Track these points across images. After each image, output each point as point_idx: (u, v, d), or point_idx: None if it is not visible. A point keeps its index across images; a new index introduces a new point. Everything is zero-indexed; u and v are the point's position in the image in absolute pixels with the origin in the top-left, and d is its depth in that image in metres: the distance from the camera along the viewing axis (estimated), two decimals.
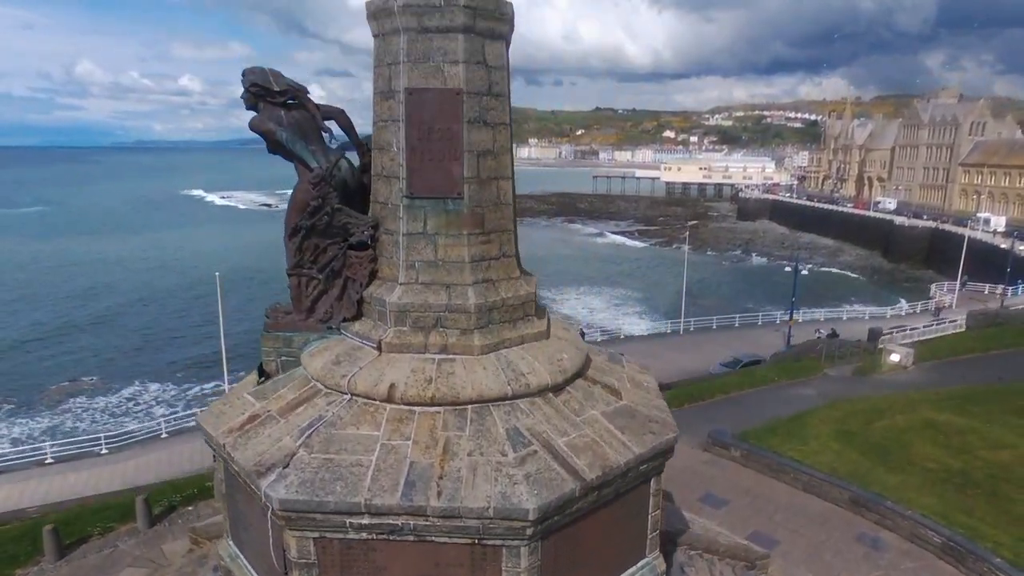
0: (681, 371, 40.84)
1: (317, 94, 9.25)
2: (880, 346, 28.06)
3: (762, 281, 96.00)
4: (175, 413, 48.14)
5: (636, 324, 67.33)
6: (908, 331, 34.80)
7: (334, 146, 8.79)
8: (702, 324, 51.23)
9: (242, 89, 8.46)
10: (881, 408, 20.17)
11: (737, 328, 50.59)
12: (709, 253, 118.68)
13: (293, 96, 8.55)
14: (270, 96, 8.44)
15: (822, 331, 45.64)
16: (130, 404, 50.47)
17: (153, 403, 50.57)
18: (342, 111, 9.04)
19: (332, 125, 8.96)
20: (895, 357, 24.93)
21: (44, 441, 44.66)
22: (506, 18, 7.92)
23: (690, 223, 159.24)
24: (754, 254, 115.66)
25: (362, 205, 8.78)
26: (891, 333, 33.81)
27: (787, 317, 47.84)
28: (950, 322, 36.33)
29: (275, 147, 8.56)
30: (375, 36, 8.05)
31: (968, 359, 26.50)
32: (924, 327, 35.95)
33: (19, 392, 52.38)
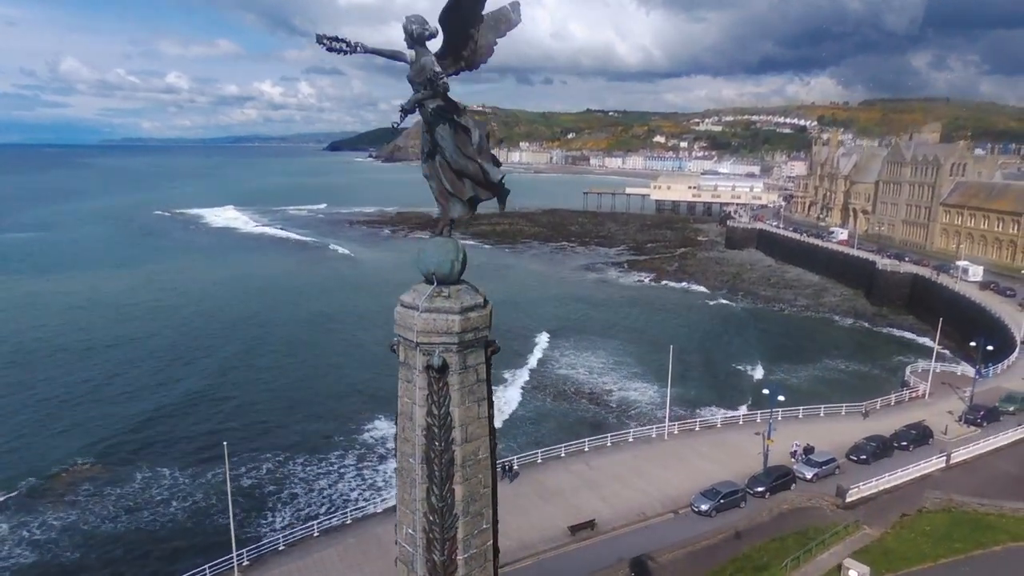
0: (665, 500, 43.28)
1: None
2: (843, 546, 30.64)
3: (747, 327, 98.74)
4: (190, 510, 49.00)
5: (633, 390, 70.64)
6: (875, 481, 37.63)
7: None
8: (686, 426, 53.75)
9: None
10: None
11: (719, 430, 53.23)
12: (696, 289, 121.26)
13: None
14: None
15: (799, 444, 48.38)
16: (143, 496, 49.58)
17: (167, 494, 49.76)
18: None
19: None
20: (853, 574, 27.48)
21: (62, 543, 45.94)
22: None
23: (679, 251, 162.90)
24: (740, 294, 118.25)
25: None
26: (858, 487, 36.60)
27: (768, 407, 50.19)
28: (914, 467, 39.43)
29: None
30: None
31: (920, 571, 28.97)
32: (889, 475, 38.78)
33: (22, 476, 51.38)
